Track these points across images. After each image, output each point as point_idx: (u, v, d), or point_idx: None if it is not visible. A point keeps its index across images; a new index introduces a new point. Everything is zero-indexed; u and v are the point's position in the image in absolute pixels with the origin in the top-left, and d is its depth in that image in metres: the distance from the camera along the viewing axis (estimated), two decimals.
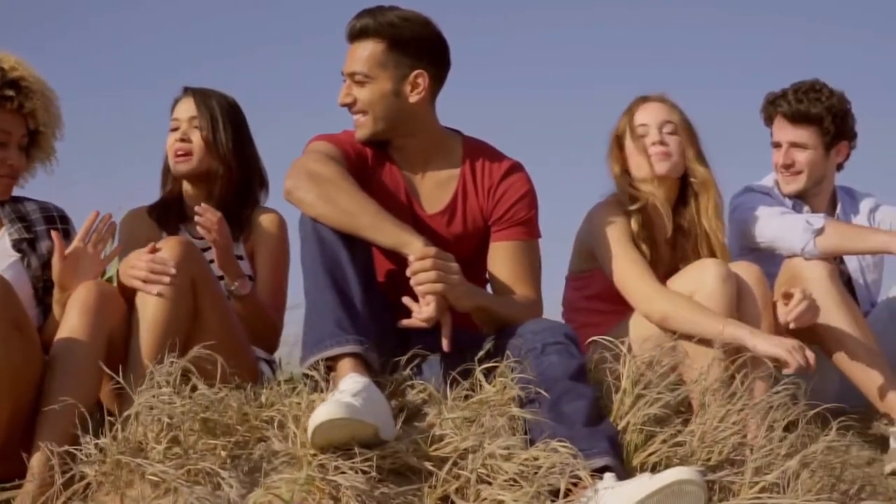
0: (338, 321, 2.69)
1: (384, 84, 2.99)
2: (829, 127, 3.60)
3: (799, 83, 3.65)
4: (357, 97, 3.00)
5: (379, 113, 3.00)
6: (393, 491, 2.45)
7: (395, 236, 2.77)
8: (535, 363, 2.70)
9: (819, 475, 2.53)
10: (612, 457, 2.49)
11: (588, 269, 3.42)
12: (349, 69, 3.00)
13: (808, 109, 3.60)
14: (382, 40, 2.97)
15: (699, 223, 3.35)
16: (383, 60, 2.98)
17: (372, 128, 3.02)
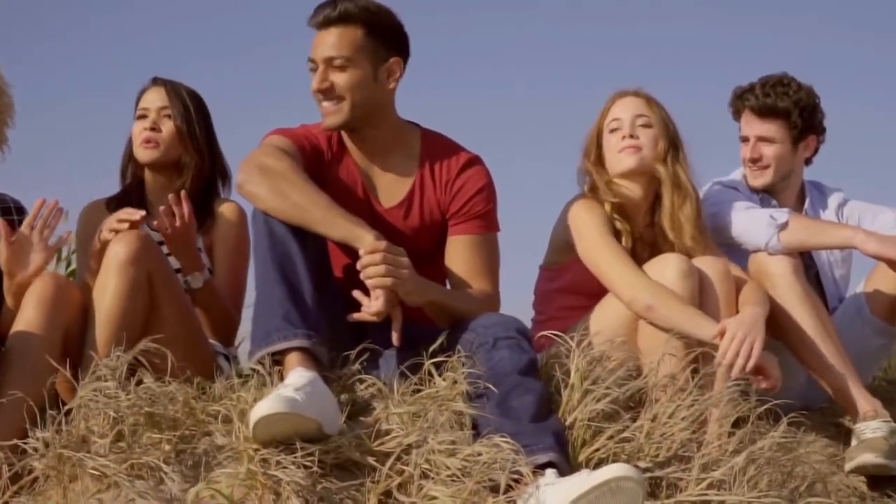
0: (286, 315, 2.68)
1: (364, 69, 2.96)
2: (797, 121, 3.57)
3: (767, 77, 3.62)
4: (335, 82, 2.96)
5: (357, 99, 2.96)
6: (335, 486, 2.44)
7: (345, 230, 2.76)
8: (486, 358, 2.69)
9: (766, 471, 2.51)
10: (556, 453, 2.47)
11: (561, 261, 3.38)
12: (326, 54, 2.95)
13: (776, 103, 3.57)
14: (362, 26, 2.95)
15: (672, 223, 3.30)
16: (363, 45, 2.95)
17: (347, 115, 2.97)
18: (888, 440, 3.06)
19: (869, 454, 3.04)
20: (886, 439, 3.06)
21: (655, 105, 3.31)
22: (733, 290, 3.21)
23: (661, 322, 2.96)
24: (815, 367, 3.26)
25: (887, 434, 3.08)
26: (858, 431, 3.13)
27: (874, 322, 3.51)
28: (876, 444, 3.05)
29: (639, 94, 3.33)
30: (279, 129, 3.05)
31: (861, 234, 3.29)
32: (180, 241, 3.03)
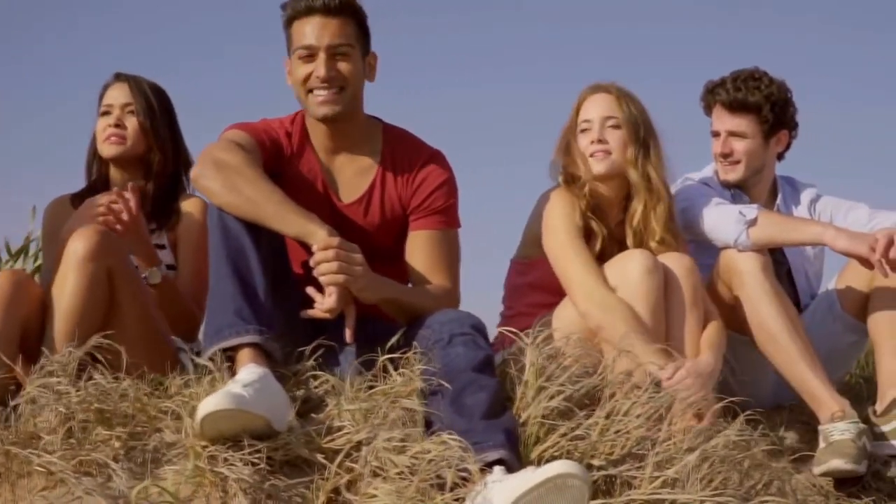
0: (238, 311, 2.66)
1: (358, 60, 2.98)
2: (768, 115, 3.54)
3: (738, 71, 3.58)
4: (340, 70, 2.95)
5: (355, 88, 2.98)
6: (284, 483, 2.42)
7: (298, 226, 2.74)
8: (441, 354, 2.67)
9: (721, 470, 2.48)
10: (506, 450, 2.44)
11: (533, 255, 3.34)
12: (331, 41, 2.93)
13: (746, 98, 3.53)
14: (354, 18, 2.97)
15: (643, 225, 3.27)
16: (358, 37, 2.98)
17: (347, 104, 2.97)
18: (855, 442, 3.02)
19: (837, 460, 3.00)
20: (854, 441, 3.02)
21: (625, 102, 3.25)
22: (700, 287, 3.19)
23: (611, 344, 2.93)
24: (783, 366, 3.23)
25: (855, 436, 3.04)
26: (826, 433, 3.09)
27: (845, 319, 3.47)
28: (844, 449, 3.00)
29: (609, 89, 3.28)
30: (238, 124, 3.03)
31: (831, 230, 3.26)
32: (131, 236, 3.01)
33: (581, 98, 3.31)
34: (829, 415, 3.11)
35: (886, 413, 3.21)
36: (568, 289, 3.14)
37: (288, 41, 3.03)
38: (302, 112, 3.09)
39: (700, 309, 3.17)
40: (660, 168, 3.23)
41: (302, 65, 2.96)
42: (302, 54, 2.96)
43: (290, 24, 3.01)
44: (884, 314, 3.32)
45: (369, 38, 3.05)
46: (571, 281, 3.13)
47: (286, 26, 3.03)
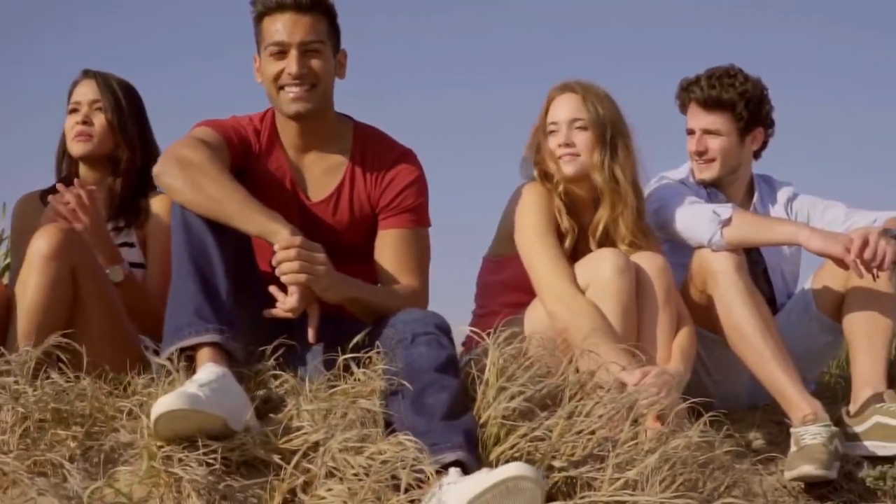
0: (198, 310, 2.64)
1: (329, 56, 2.96)
2: (743, 113, 3.50)
3: (713, 69, 3.56)
4: (312, 67, 2.93)
5: (326, 85, 2.96)
6: (239, 484, 2.40)
7: (261, 224, 2.71)
8: (404, 354, 2.64)
9: (681, 472, 2.45)
10: (465, 451, 2.42)
11: (505, 253, 3.32)
12: (303, 38, 2.91)
13: (721, 95, 3.50)
14: (325, 15, 2.95)
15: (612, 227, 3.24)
16: (328, 33, 2.96)
17: (319, 101, 2.95)
18: (827, 447, 2.98)
19: (808, 466, 2.96)
20: (825, 446, 2.98)
21: (591, 103, 3.21)
22: (673, 287, 3.16)
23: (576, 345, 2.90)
24: (755, 366, 3.20)
25: (826, 440, 3.00)
26: (797, 436, 3.06)
27: (821, 319, 3.44)
28: (815, 454, 2.97)
29: (575, 89, 3.25)
30: (207, 121, 3.01)
31: (805, 230, 3.23)
32: (89, 233, 2.99)
33: (549, 98, 3.29)
34: (801, 417, 3.08)
35: (859, 414, 3.19)
36: (536, 288, 3.12)
37: (258, 37, 3.01)
38: (272, 110, 3.06)
39: (672, 309, 3.14)
40: (627, 168, 3.19)
41: (273, 61, 2.94)
42: (273, 51, 2.93)
43: (261, 20, 2.98)
44: (859, 315, 3.30)
45: (340, 35, 3.03)
46: (540, 280, 3.11)
47: (256, 22, 3.00)
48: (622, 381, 2.81)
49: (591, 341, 2.84)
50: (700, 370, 3.47)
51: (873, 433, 3.14)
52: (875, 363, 3.24)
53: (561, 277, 3.07)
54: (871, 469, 3.05)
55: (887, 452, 3.10)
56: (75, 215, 3.04)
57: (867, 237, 3.12)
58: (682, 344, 3.10)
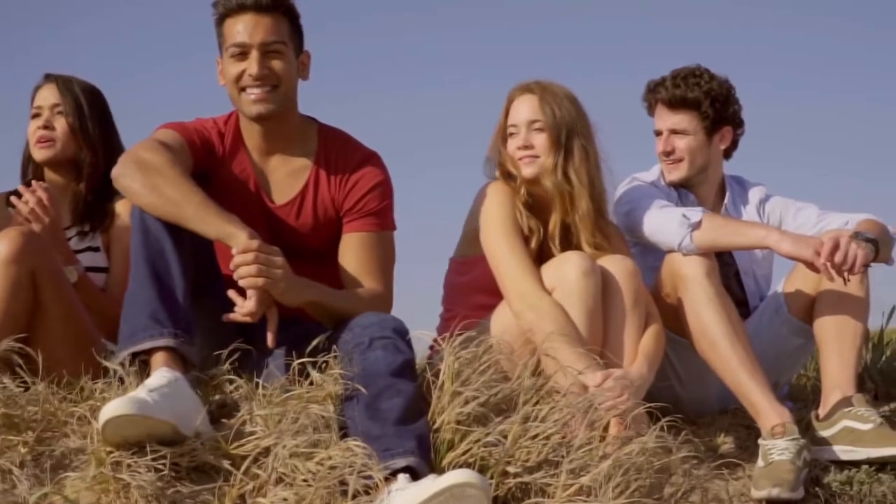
0: (153, 314, 2.62)
1: (291, 58, 2.94)
2: (708, 111, 3.48)
3: (678, 69, 3.53)
4: (273, 68, 2.91)
5: (288, 87, 2.94)
6: (188, 490, 2.39)
7: (218, 228, 2.69)
8: (361, 358, 2.63)
9: (636, 477, 2.43)
10: (416, 457, 2.40)
11: (471, 254, 3.28)
12: (263, 39, 2.89)
13: (685, 94, 3.47)
14: (286, 16, 2.93)
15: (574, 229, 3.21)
16: (290, 34, 2.94)
17: (281, 102, 2.93)
18: (794, 463, 2.93)
19: (776, 489, 2.88)
20: (793, 463, 2.93)
21: (549, 104, 3.17)
22: (641, 290, 3.13)
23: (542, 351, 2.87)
24: (723, 373, 3.16)
25: (794, 455, 2.95)
26: (765, 450, 3.01)
27: (792, 322, 3.41)
28: (783, 474, 2.90)
29: (534, 90, 3.22)
30: (170, 123, 2.99)
31: (775, 234, 3.20)
32: (48, 234, 2.98)
33: (509, 99, 3.26)
34: (770, 428, 3.03)
35: (828, 418, 3.16)
36: (502, 287, 3.09)
37: (220, 39, 2.99)
38: (236, 112, 3.04)
39: (640, 313, 3.11)
40: (583, 171, 3.15)
41: (234, 63, 2.92)
42: (234, 52, 2.91)
43: (222, 22, 2.96)
44: (829, 318, 3.26)
45: (303, 36, 3.01)
46: (505, 279, 3.08)
47: (218, 24, 2.98)
48: (583, 384, 2.79)
49: (552, 344, 2.81)
50: (670, 374, 3.44)
51: (841, 438, 3.10)
52: (844, 367, 3.21)
53: (526, 277, 3.05)
54: (837, 474, 3.02)
55: (854, 457, 3.07)
56: (35, 215, 3.04)
57: (838, 240, 3.09)
58: (648, 346, 3.07)
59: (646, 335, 3.10)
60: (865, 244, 3.14)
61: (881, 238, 3.26)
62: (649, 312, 3.16)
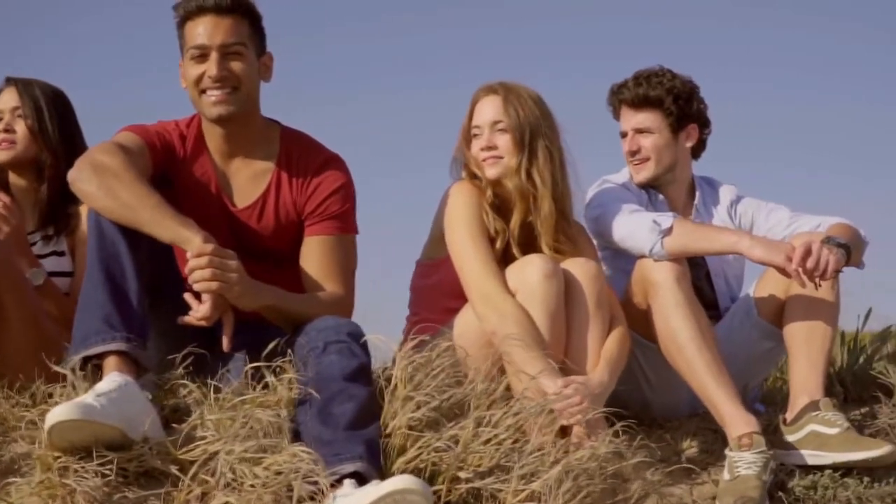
0: (106, 318, 2.61)
1: (252, 59, 2.93)
2: (672, 108, 3.45)
3: (640, 70, 3.51)
4: (232, 69, 2.90)
5: (248, 88, 2.93)
6: (135, 495, 2.37)
7: (173, 231, 2.68)
8: (315, 363, 2.62)
9: (587, 483, 2.41)
10: (364, 462, 2.39)
11: (436, 256, 3.25)
12: (223, 40, 2.89)
13: (648, 93, 3.45)
14: (247, 17, 2.92)
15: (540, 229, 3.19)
16: (251, 36, 2.93)
17: (240, 105, 2.92)
18: (761, 478, 2.90)
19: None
20: (759, 477, 2.90)
21: (512, 105, 3.15)
22: (604, 293, 3.11)
23: (503, 354, 2.86)
24: (690, 379, 3.13)
25: (761, 469, 2.91)
26: (732, 463, 2.97)
27: (762, 325, 3.38)
28: (749, 491, 2.86)
29: (497, 91, 3.19)
30: (131, 125, 2.98)
31: (746, 239, 3.17)
32: (13, 239, 2.97)
33: (473, 100, 3.24)
34: (737, 438, 2.99)
35: (795, 422, 3.14)
36: (466, 289, 3.07)
37: (181, 42, 2.98)
38: (199, 115, 3.03)
39: (604, 316, 3.09)
40: (547, 172, 3.12)
41: (194, 65, 2.91)
42: (194, 54, 2.90)
43: (183, 25, 2.96)
44: (799, 321, 3.24)
45: (264, 38, 3.00)
46: (469, 281, 3.06)
47: (179, 27, 2.98)
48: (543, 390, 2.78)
49: (512, 348, 2.80)
50: (640, 378, 3.42)
51: (808, 442, 3.08)
52: (813, 371, 3.18)
53: (491, 279, 3.02)
54: (801, 478, 2.99)
55: (820, 462, 3.04)
56: (4, 218, 3.03)
57: (810, 246, 3.06)
58: (610, 351, 3.05)
59: (609, 340, 3.08)
60: (837, 249, 3.11)
61: (853, 242, 3.24)
62: (614, 316, 3.14)
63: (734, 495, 2.88)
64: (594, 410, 2.82)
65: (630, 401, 3.44)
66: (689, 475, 3.07)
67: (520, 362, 2.83)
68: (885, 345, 3.85)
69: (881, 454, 2.99)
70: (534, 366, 2.80)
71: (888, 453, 2.99)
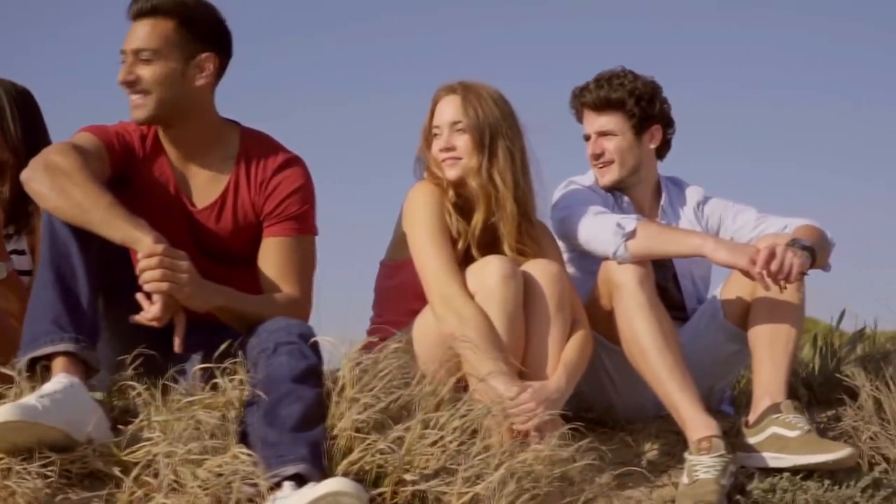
0: (55, 319, 2.61)
1: (171, 63, 2.88)
2: (634, 110, 3.44)
3: (601, 72, 3.50)
4: (140, 75, 2.88)
5: (162, 94, 2.89)
6: (78, 496, 2.37)
7: (124, 232, 2.67)
8: (265, 364, 2.61)
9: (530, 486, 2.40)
10: (307, 464, 2.38)
11: (399, 257, 3.25)
12: (134, 45, 2.87)
13: (609, 95, 3.44)
14: (173, 18, 2.88)
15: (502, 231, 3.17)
16: (173, 39, 2.88)
17: (152, 110, 2.90)
18: (719, 482, 2.88)
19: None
20: (717, 482, 2.88)
21: (472, 105, 3.13)
22: (566, 295, 3.08)
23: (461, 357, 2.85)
24: (652, 382, 3.12)
25: (720, 474, 2.90)
26: (691, 467, 2.95)
27: (727, 327, 3.36)
28: (707, 495, 2.85)
29: (457, 91, 3.17)
30: (91, 126, 2.98)
31: (710, 242, 3.15)
32: None
33: (434, 100, 3.22)
34: (697, 441, 2.98)
35: (756, 424, 3.12)
36: (426, 290, 3.05)
37: None
38: None
39: (565, 318, 3.07)
40: (508, 172, 3.11)
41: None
42: (120, 58, 2.91)
43: None
44: (763, 325, 3.22)
45: (202, 38, 2.92)
46: (429, 283, 3.05)
47: None
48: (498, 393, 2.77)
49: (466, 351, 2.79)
50: (605, 380, 3.41)
51: (769, 444, 3.06)
52: (776, 373, 3.16)
53: (451, 282, 3.01)
54: (761, 481, 2.97)
55: (781, 464, 3.02)
56: None
57: (774, 249, 3.04)
58: (570, 356, 3.03)
59: (569, 344, 3.06)
60: (802, 252, 3.09)
61: (818, 245, 3.22)
62: (576, 319, 3.12)
63: (692, 499, 2.87)
64: (550, 415, 2.81)
65: (595, 403, 3.44)
66: (649, 478, 3.06)
67: (476, 365, 2.82)
68: (856, 348, 3.82)
69: (841, 457, 2.97)
70: (488, 369, 2.78)
71: (848, 456, 2.97)
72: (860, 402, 3.32)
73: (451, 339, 2.92)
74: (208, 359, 2.73)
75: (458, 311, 2.95)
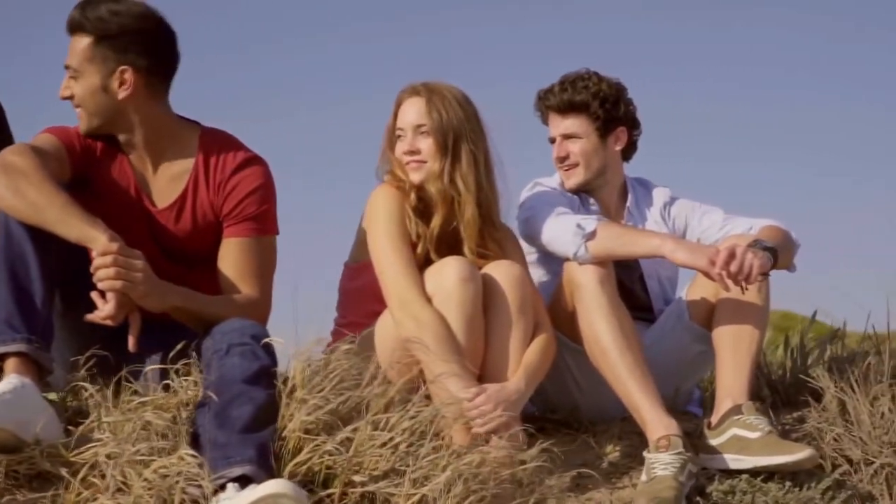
0: (7, 319, 2.61)
1: (92, 79, 2.91)
2: (598, 112, 3.43)
3: (566, 74, 3.49)
4: (73, 91, 2.92)
5: (91, 108, 2.92)
6: (25, 497, 2.37)
7: (79, 231, 2.68)
8: (218, 364, 2.61)
9: (477, 488, 2.39)
10: (254, 465, 2.38)
11: (361, 259, 3.23)
12: (67, 61, 2.93)
13: (573, 98, 3.43)
14: (89, 35, 2.90)
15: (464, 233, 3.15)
16: (90, 55, 2.90)
17: (87, 123, 2.94)
18: (677, 479, 2.87)
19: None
20: (675, 478, 2.87)
21: (435, 107, 3.11)
22: (528, 297, 3.07)
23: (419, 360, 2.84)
24: (613, 382, 3.11)
25: (677, 471, 2.89)
26: (649, 464, 2.95)
27: (693, 329, 3.35)
28: (664, 492, 2.84)
29: (421, 93, 3.15)
30: (52, 127, 2.99)
31: (669, 243, 3.13)
32: None
33: (397, 102, 3.20)
34: (655, 440, 2.98)
35: (718, 426, 3.11)
36: (385, 294, 3.05)
37: None
38: None
39: (527, 320, 3.05)
40: (470, 176, 3.08)
41: None
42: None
43: None
44: (727, 326, 3.22)
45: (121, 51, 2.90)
46: (388, 286, 3.04)
47: None
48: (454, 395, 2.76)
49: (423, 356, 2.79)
50: (569, 381, 3.40)
51: (730, 446, 3.05)
52: (738, 374, 3.15)
53: (410, 286, 3.00)
54: (720, 483, 2.96)
55: (741, 466, 3.01)
56: None
57: (734, 250, 3.03)
58: (531, 359, 3.02)
59: (531, 347, 3.05)
60: (763, 253, 3.08)
61: (781, 245, 3.21)
62: (539, 322, 3.11)
63: (648, 496, 2.86)
64: (508, 417, 2.81)
65: (559, 404, 3.43)
66: (611, 479, 3.05)
67: (431, 368, 2.82)
68: (826, 350, 3.81)
69: (801, 458, 2.96)
70: (441, 370, 2.78)
71: (808, 457, 2.97)
72: (824, 404, 3.31)
73: (407, 343, 2.91)
74: (164, 359, 2.73)
75: (416, 316, 2.94)
